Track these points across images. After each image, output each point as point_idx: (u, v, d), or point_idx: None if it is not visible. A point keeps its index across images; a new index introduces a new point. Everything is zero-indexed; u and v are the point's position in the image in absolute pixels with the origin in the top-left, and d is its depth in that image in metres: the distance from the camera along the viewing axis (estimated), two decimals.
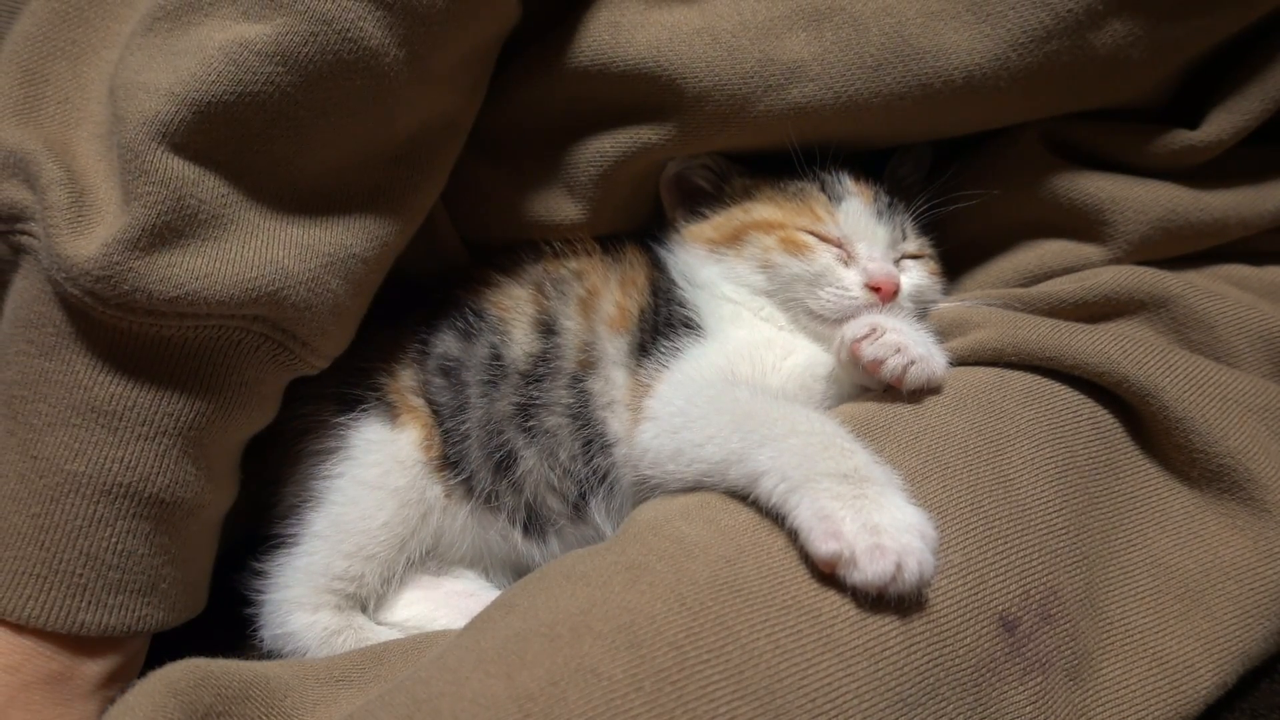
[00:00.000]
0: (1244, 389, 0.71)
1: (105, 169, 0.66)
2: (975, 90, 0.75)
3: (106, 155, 0.67)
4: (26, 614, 0.64)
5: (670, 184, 0.85)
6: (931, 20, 0.74)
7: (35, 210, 0.65)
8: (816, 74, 0.76)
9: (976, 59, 0.73)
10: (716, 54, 0.76)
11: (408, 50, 0.68)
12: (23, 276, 0.67)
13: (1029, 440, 0.66)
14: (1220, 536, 0.66)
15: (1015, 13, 0.73)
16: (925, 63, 0.74)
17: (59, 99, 0.70)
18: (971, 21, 0.73)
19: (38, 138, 0.67)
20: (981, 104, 0.76)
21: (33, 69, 0.70)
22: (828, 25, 0.76)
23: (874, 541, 0.53)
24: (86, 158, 0.67)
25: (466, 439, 0.80)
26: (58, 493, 0.65)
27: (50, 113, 0.69)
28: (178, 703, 0.59)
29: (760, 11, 0.77)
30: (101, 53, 0.72)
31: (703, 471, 0.64)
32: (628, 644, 0.51)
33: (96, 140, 0.68)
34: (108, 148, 0.67)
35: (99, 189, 0.65)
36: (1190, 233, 0.79)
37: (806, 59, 0.76)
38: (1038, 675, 0.56)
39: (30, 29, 0.71)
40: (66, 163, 0.66)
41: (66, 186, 0.64)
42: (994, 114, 0.79)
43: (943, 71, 0.74)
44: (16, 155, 0.66)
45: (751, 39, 0.76)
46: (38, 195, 0.65)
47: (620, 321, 0.81)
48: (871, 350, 0.67)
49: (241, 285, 0.65)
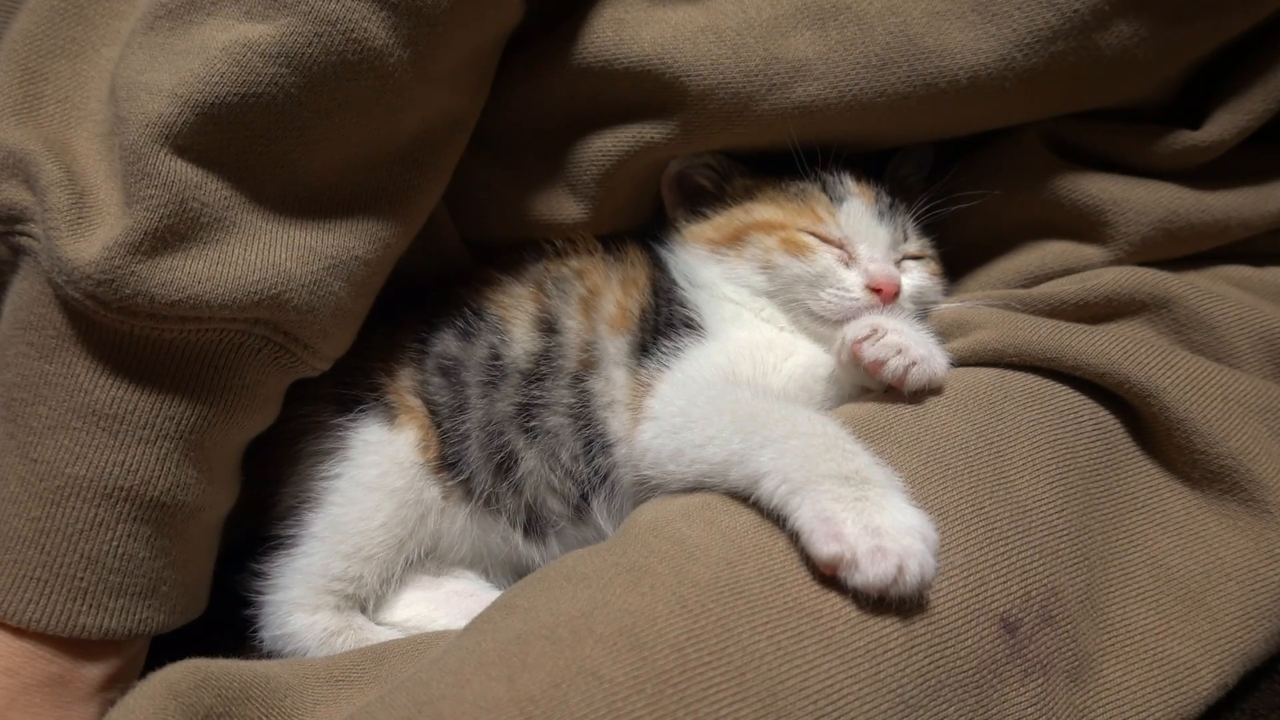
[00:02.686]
0: (1245, 390, 0.71)
1: (106, 169, 0.66)
2: (980, 90, 0.74)
3: (107, 155, 0.66)
4: (27, 617, 0.64)
5: (672, 183, 0.85)
6: (936, 19, 0.74)
7: (35, 211, 0.64)
8: (821, 73, 0.75)
9: (981, 59, 0.73)
10: (721, 52, 0.76)
11: (412, 50, 0.68)
12: (22, 278, 0.67)
13: (1030, 441, 0.66)
14: (1221, 537, 0.66)
15: (1021, 13, 0.72)
16: (930, 62, 0.74)
17: (59, 98, 0.69)
18: (977, 21, 0.73)
19: (37, 137, 0.66)
20: (985, 104, 0.76)
21: (32, 67, 0.69)
22: (833, 24, 0.75)
23: (875, 543, 0.53)
24: (87, 158, 0.66)
25: (466, 440, 0.80)
26: (58, 496, 0.64)
27: (50, 112, 0.69)
28: (178, 704, 0.58)
29: (765, 9, 0.76)
30: (102, 50, 0.71)
31: (703, 472, 0.64)
32: (629, 646, 0.51)
33: (97, 140, 0.68)
34: (109, 148, 0.66)
35: (99, 190, 0.65)
36: (1191, 234, 0.79)
37: (811, 58, 0.75)
38: (1039, 676, 0.56)
39: (29, 26, 0.71)
40: (66, 163, 0.65)
41: (66, 187, 0.63)
42: (998, 113, 0.79)
43: (947, 71, 0.74)
44: (16, 155, 0.65)
45: (756, 37, 0.76)
46: (37, 196, 0.64)
47: (621, 321, 0.80)
48: (873, 351, 0.67)
49: (244, 289, 0.65)
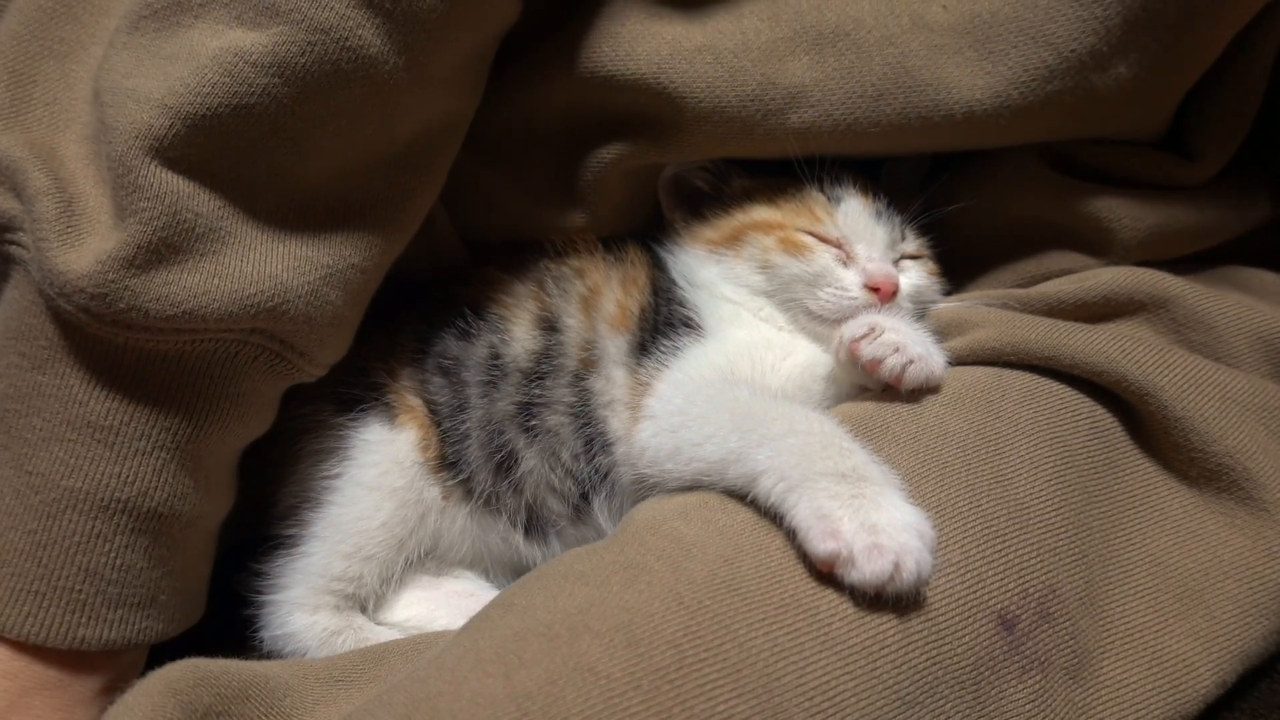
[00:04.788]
0: (1243, 389, 0.71)
1: (95, 175, 0.65)
2: (975, 124, 0.74)
3: (95, 160, 0.65)
4: (25, 631, 0.63)
5: (668, 186, 0.85)
6: (934, 53, 0.73)
7: (23, 220, 0.63)
8: (817, 100, 0.75)
9: (978, 95, 0.73)
10: (717, 74, 0.75)
11: (407, 56, 0.67)
12: (13, 287, 0.65)
13: (1027, 439, 0.66)
14: (1219, 535, 0.66)
15: (1018, 51, 0.72)
16: (926, 95, 0.74)
17: (46, 100, 0.68)
18: (974, 58, 0.73)
19: (24, 143, 0.65)
20: (980, 135, 0.76)
21: (19, 69, 0.68)
22: (830, 51, 0.75)
23: (872, 541, 0.53)
24: (75, 162, 0.65)
25: (466, 439, 0.80)
26: (54, 509, 0.64)
27: (38, 115, 0.67)
28: (177, 702, 0.58)
29: (763, 32, 0.76)
30: (91, 49, 0.70)
31: (701, 471, 0.64)
32: (626, 643, 0.51)
33: (85, 143, 0.66)
34: (95, 152, 0.65)
35: (88, 196, 0.64)
36: (1188, 236, 0.80)
37: (807, 84, 0.75)
38: (1037, 673, 0.56)
39: (16, 28, 0.69)
40: (54, 170, 0.64)
41: (54, 195, 0.62)
42: (991, 141, 0.79)
43: (943, 105, 0.74)
44: (2, 163, 0.64)
45: (753, 61, 0.75)
46: (25, 205, 0.63)
47: (621, 320, 0.81)
48: (870, 349, 0.67)
49: (240, 302, 0.64)
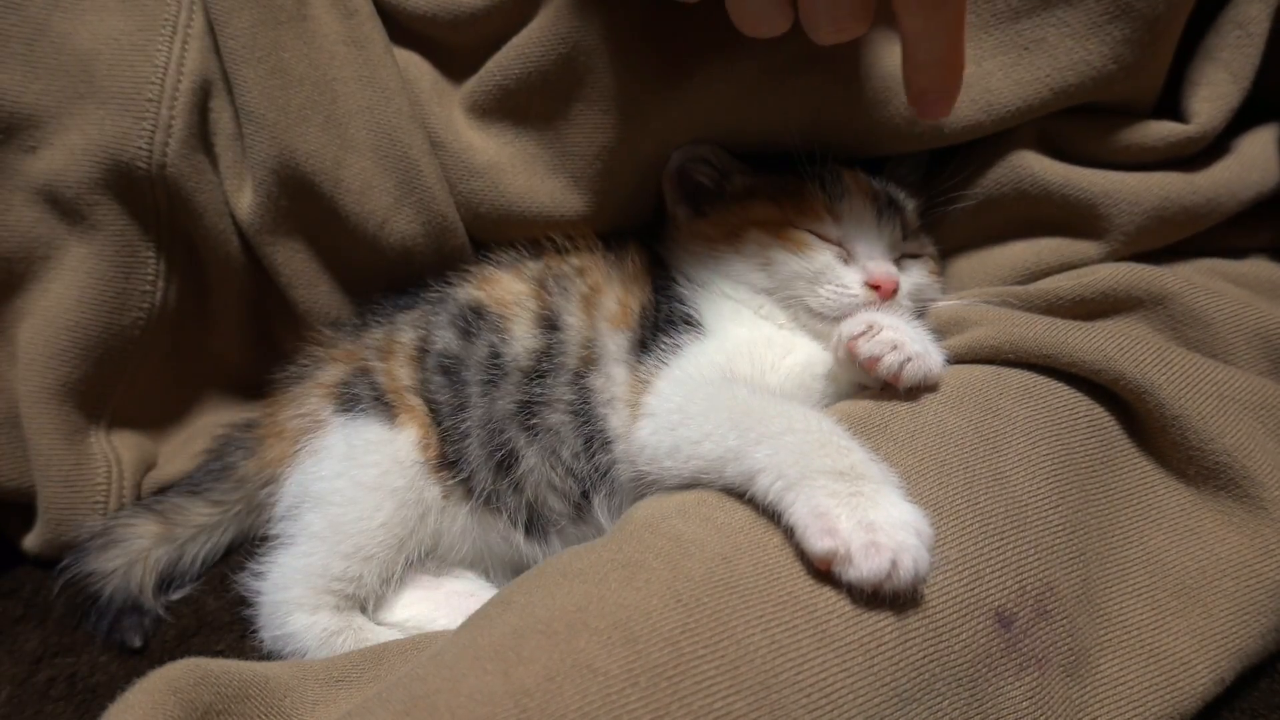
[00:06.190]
0: (1241, 386, 0.71)
1: None
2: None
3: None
4: None
5: (673, 177, 0.86)
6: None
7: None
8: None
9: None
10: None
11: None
12: None
13: (1025, 437, 0.66)
14: (1216, 533, 0.66)
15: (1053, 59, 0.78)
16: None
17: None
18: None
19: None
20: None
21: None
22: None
23: (869, 538, 0.53)
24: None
25: (466, 438, 0.80)
26: None
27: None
28: (177, 700, 0.58)
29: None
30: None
31: (700, 468, 0.64)
32: (624, 640, 0.51)
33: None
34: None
35: None
36: (1185, 217, 0.80)
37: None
38: (1034, 671, 0.56)
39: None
40: None
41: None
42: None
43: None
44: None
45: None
46: None
47: (621, 318, 0.81)
48: (868, 347, 0.67)
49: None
